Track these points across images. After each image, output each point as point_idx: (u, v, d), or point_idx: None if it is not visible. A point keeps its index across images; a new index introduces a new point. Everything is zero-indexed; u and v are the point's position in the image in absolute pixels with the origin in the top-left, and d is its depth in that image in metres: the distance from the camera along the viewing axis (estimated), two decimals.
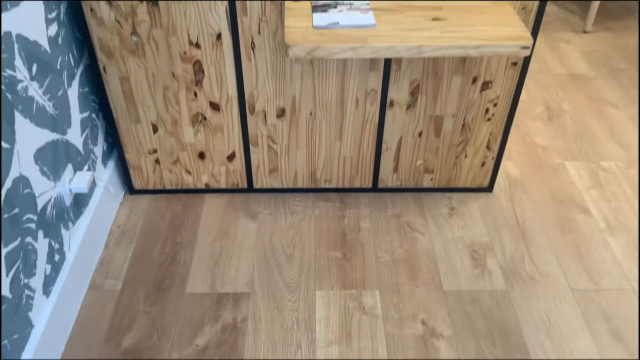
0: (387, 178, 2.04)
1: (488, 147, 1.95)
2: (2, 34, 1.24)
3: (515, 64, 1.74)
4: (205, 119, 1.85)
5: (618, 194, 2.02)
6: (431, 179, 2.05)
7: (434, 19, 1.48)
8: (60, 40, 1.55)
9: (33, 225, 1.40)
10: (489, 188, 2.06)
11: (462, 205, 2.00)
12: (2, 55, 1.25)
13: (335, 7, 1.53)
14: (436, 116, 1.86)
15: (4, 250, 1.26)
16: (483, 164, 2.00)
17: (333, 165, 2.00)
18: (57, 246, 1.54)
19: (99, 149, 1.85)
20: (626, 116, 2.39)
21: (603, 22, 3.06)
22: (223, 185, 2.05)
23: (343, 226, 1.91)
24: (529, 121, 2.38)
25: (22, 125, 1.34)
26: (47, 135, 1.47)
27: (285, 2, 1.56)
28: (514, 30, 1.42)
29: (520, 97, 2.50)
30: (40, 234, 1.44)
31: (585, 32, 2.97)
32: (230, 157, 1.96)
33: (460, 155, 1.97)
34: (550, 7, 3.23)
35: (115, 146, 1.93)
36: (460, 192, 2.08)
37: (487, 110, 1.85)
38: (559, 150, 2.23)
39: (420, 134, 1.91)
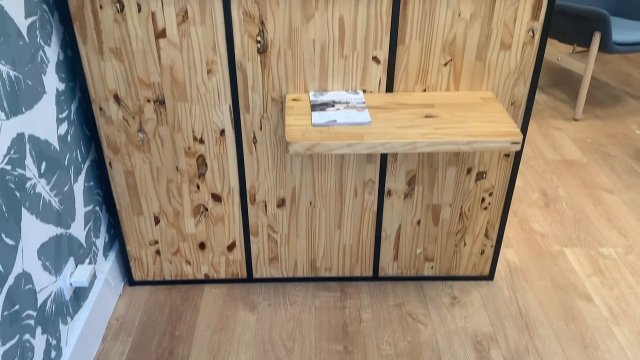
0: (388, 266, 2.04)
1: (486, 236, 1.97)
2: (15, 136, 1.31)
3: (507, 155, 1.80)
4: (206, 210, 1.88)
5: (619, 281, 2.02)
6: (432, 267, 2.05)
7: (427, 117, 1.55)
8: (69, 138, 1.61)
9: (32, 322, 1.39)
10: (490, 276, 2.06)
11: (464, 294, 1.99)
12: (14, 156, 1.30)
13: (333, 105, 1.60)
14: (433, 205, 1.90)
15: (1, 350, 1.25)
16: (482, 252, 2.01)
17: (333, 254, 2.01)
18: (54, 342, 1.52)
19: (100, 241, 1.87)
20: (621, 201, 2.43)
21: (592, 110, 3.18)
22: (223, 276, 2.04)
23: (344, 317, 1.89)
24: (526, 207, 2.41)
25: (28, 222, 1.37)
26: (51, 230, 1.50)
27: (286, 101, 1.64)
28: (504, 127, 1.49)
29: (516, 184, 2.56)
30: (39, 330, 1.43)
31: (575, 119, 3.08)
32: (231, 247, 1.98)
33: (459, 244, 1.99)
34: (540, 96, 3.37)
35: (116, 238, 1.96)
36: (462, 281, 2.07)
37: (483, 200, 1.89)
38: (557, 236, 2.24)
39: (418, 222, 1.94)
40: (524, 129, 1.74)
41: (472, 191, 1.87)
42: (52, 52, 1.52)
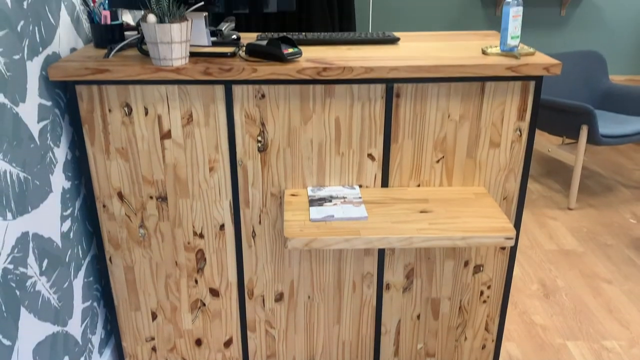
0: None
1: (487, 329, 1.94)
2: (20, 235, 1.34)
3: (503, 248, 1.82)
4: (204, 305, 1.87)
5: None
6: None
7: (422, 212, 1.59)
8: (71, 234, 1.64)
9: None
10: None
11: None
12: (17, 255, 1.33)
13: (330, 200, 1.65)
14: (432, 299, 1.89)
15: None
16: (484, 347, 1.97)
17: (332, 350, 1.97)
18: None
19: (96, 338, 1.84)
20: (621, 292, 2.42)
21: (585, 200, 3.24)
22: None
23: None
24: (525, 299, 2.40)
25: (26, 321, 1.37)
26: (48, 329, 1.49)
27: (285, 196, 1.69)
28: (497, 222, 1.52)
29: (515, 274, 2.56)
30: None
31: (569, 209, 3.13)
32: (227, 344, 1.94)
33: (459, 338, 1.96)
34: (534, 185, 3.45)
35: (112, 334, 1.93)
36: None
37: (481, 293, 1.88)
38: (559, 329, 2.21)
39: (418, 317, 1.92)
40: (517, 224, 1.78)
41: (471, 284, 1.87)
42: (61, 153, 1.58)
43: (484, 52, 1.67)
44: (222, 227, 1.76)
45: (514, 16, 1.60)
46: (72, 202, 1.65)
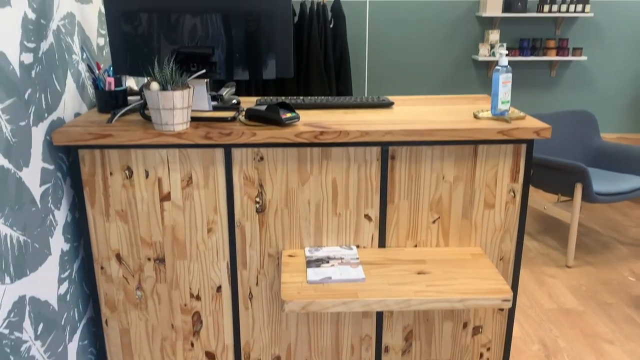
0: None
1: None
2: (17, 299, 1.34)
3: (502, 309, 1.81)
4: None
5: None
6: None
7: (419, 273, 1.60)
8: (68, 296, 1.64)
9: None
10: None
11: None
12: (13, 319, 1.32)
13: (327, 261, 1.66)
14: None
15: None
16: None
17: None
18: None
19: None
20: (623, 353, 2.38)
21: (583, 257, 3.24)
22: None
23: None
24: None
25: None
26: None
27: (282, 257, 1.69)
28: (494, 283, 1.53)
29: (515, 334, 2.52)
30: None
31: (568, 266, 3.13)
32: None
33: None
34: (531, 243, 3.45)
35: None
36: None
37: (481, 355, 1.86)
38: None
39: None
40: (514, 284, 1.78)
41: (470, 346, 1.85)
42: (61, 215, 1.60)
43: (475, 116, 1.72)
44: (219, 288, 1.76)
45: (504, 82, 1.66)
46: (70, 264, 1.66)
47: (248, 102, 1.99)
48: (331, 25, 3.72)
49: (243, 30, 1.68)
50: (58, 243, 1.58)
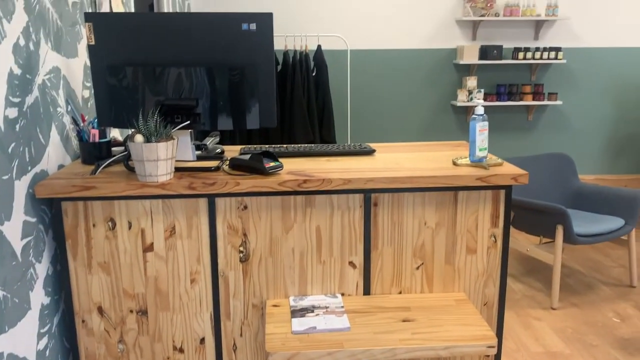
0: None
1: None
2: None
3: (488, 355, 1.81)
4: None
5: None
6: None
7: (404, 320, 1.59)
8: (47, 352, 1.60)
9: None
10: None
11: None
12: None
13: (312, 311, 1.65)
14: None
15: None
16: None
17: None
18: None
19: None
20: None
21: (568, 298, 3.25)
22: None
23: None
24: None
25: None
26: None
27: (266, 307, 1.68)
28: (479, 330, 1.53)
29: None
30: None
31: (553, 308, 3.13)
32: None
33: None
34: (516, 285, 3.46)
35: None
36: None
37: None
38: None
39: None
40: (499, 330, 1.78)
41: None
42: (42, 268, 1.58)
43: (454, 163, 1.76)
44: (202, 340, 1.73)
45: (480, 130, 1.71)
46: (51, 319, 1.63)
47: (232, 151, 2.01)
48: (314, 74, 3.81)
49: (227, 82, 1.72)
50: (38, 297, 1.55)
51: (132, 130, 1.63)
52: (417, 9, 4.03)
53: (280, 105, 3.78)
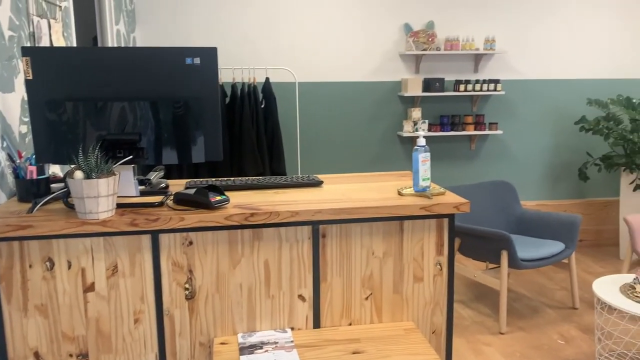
0: None
1: None
2: None
3: None
4: None
5: None
6: None
7: (354, 352, 1.59)
8: None
9: None
10: None
11: None
12: None
13: (261, 347, 1.62)
14: None
15: None
16: None
17: None
18: None
19: None
20: None
21: (515, 323, 3.33)
22: None
23: None
24: None
25: None
26: None
27: (214, 345, 1.64)
28: (427, 359, 1.54)
29: None
30: None
31: (501, 333, 3.20)
32: None
33: None
34: (465, 311, 3.52)
35: None
36: None
37: None
38: None
39: None
40: (448, 357, 1.80)
41: None
42: None
43: (399, 193, 1.80)
44: None
45: (423, 160, 1.76)
46: None
47: (177, 185, 1.98)
48: (262, 106, 3.83)
49: (171, 116, 1.71)
50: None
51: (72, 166, 1.58)
52: (363, 43, 4.14)
53: (229, 137, 3.77)
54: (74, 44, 2.59)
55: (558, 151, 4.57)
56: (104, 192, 1.52)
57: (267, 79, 3.84)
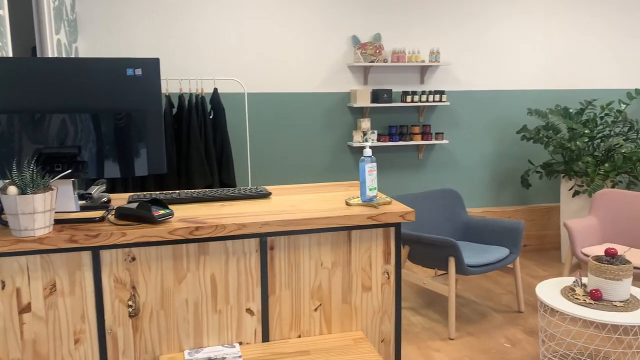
0: None
1: None
2: None
3: None
4: None
5: None
6: None
7: None
8: None
9: None
10: None
11: None
12: None
13: None
14: None
15: None
16: None
17: None
18: None
19: None
20: None
21: (464, 328, 3.40)
22: None
23: None
24: None
25: None
26: None
27: None
28: None
29: None
30: None
31: (450, 339, 3.26)
32: None
33: None
34: (416, 318, 3.57)
35: None
36: None
37: None
38: None
39: None
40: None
41: None
42: None
43: (347, 203, 1.81)
44: None
45: (369, 171, 1.78)
46: None
47: (120, 199, 1.93)
48: (211, 117, 3.78)
49: (112, 129, 1.66)
50: None
51: (5, 181, 1.51)
52: (312, 55, 4.17)
53: (176, 149, 3.70)
54: (10, 54, 2.48)
55: (501, 159, 4.73)
56: (40, 208, 1.46)
57: (216, 89, 3.81)
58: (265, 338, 1.72)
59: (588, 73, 4.72)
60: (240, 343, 1.70)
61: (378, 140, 4.32)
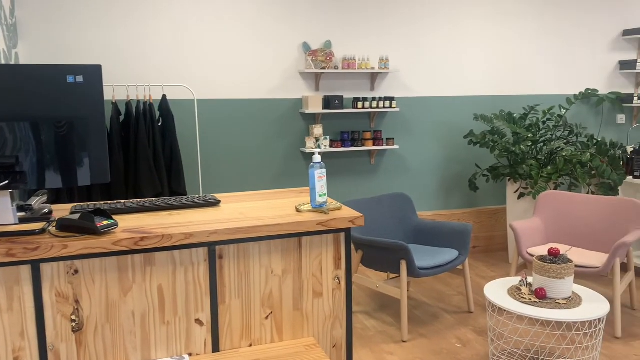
0: None
1: None
2: None
3: None
4: None
5: None
6: None
7: None
8: None
9: None
10: None
11: None
12: None
13: None
14: None
15: None
16: None
17: None
18: None
19: None
20: None
21: (417, 330, 3.45)
22: None
23: None
24: None
25: None
26: None
27: None
28: None
29: None
30: None
31: (403, 341, 3.30)
32: None
33: None
34: (369, 322, 3.60)
35: None
36: None
37: None
38: None
39: None
40: None
41: None
42: None
43: (297, 210, 1.81)
44: None
45: (319, 177, 1.79)
46: None
47: (63, 210, 1.86)
48: (159, 124, 3.71)
49: (53, 137, 1.61)
50: None
51: None
52: (263, 61, 4.16)
53: (124, 157, 3.61)
54: None
55: (450, 164, 4.85)
56: None
57: (164, 96, 3.74)
58: (216, 348, 1.70)
59: (530, 79, 4.91)
60: (190, 354, 1.67)
61: (330, 146, 4.35)
